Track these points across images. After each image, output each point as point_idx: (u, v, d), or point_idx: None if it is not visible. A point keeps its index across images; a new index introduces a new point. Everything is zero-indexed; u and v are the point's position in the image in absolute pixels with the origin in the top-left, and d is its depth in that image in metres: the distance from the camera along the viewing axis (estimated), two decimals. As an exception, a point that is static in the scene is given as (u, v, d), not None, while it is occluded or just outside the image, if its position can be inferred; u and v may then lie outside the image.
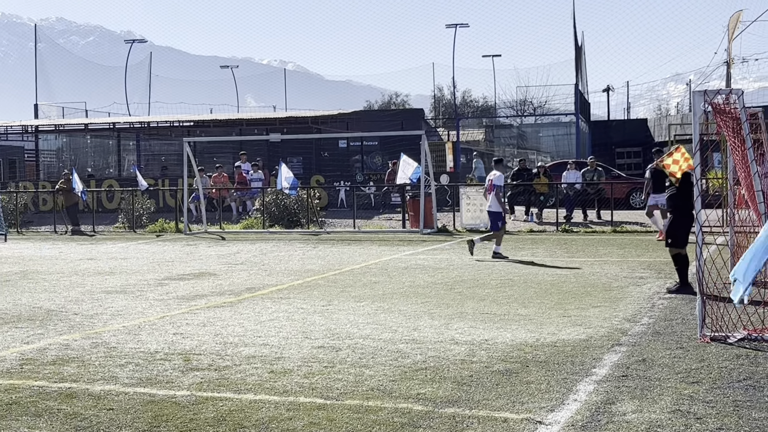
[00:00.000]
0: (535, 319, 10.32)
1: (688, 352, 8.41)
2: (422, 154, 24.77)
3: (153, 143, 43.49)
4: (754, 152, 9.82)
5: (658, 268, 15.12)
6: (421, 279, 14.35)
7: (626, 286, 13.10)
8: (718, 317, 9.22)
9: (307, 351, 8.74)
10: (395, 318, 10.61)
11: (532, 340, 9.06)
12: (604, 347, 8.67)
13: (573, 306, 11.26)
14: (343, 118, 38.26)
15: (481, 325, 9.98)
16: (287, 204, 27.16)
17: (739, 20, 28.01)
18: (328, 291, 13.18)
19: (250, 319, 10.77)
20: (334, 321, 10.49)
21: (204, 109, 64.41)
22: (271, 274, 15.59)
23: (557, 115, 56.52)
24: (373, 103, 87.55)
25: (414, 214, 25.54)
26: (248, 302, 12.20)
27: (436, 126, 55.14)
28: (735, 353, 8.32)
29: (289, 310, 11.41)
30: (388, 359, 8.28)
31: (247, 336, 9.62)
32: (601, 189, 27.20)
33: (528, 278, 14.18)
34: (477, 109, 78.39)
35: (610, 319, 10.28)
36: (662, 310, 10.83)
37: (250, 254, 19.35)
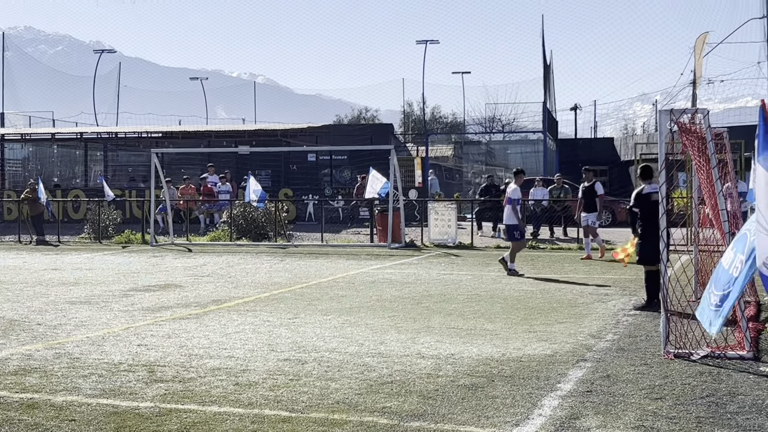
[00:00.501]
0: (501, 334, 10.36)
1: (652, 368, 8.47)
2: (391, 169, 24.81)
3: (120, 154, 43.17)
4: (718, 172, 9.94)
5: (623, 285, 15.23)
6: (388, 293, 14.35)
7: (591, 302, 13.19)
8: (682, 334, 9.30)
9: (273, 364, 8.71)
10: (362, 331, 10.60)
11: (498, 355, 9.08)
12: (569, 363, 8.72)
13: (539, 321, 11.31)
14: (313, 131, 38.24)
15: (447, 340, 10.00)
16: (255, 217, 27.05)
17: (705, 42, 28.42)
18: (294, 304, 13.13)
19: (215, 331, 10.71)
20: (301, 334, 10.46)
21: (173, 120, 64.14)
22: (237, 286, 15.52)
23: (525, 132, 56.94)
24: (342, 117, 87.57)
25: (382, 229, 25.54)
26: (214, 314, 12.13)
27: (405, 141, 55.31)
28: (698, 370, 8.40)
29: (255, 322, 11.36)
30: (353, 373, 8.26)
31: (212, 348, 9.57)
32: (568, 206, 27.38)
33: (495, 293, 14.23)
34: (446, 125, 78.69)
35: (575, 334, 10.34)
36: (627, 327, 10.91)
37: (217, 266, 19.25)
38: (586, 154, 47.59)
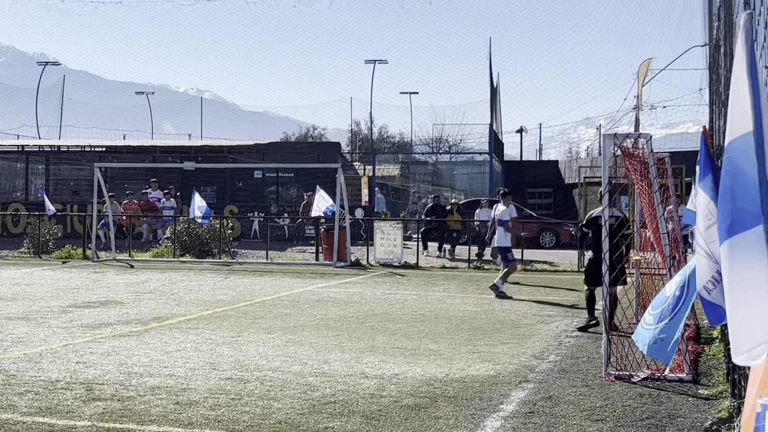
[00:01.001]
0: (445, 355, 10.37)
1: (594, 390, 8.54)
2: (338, 188, 24.78)
3: (63, 168, 42.52)
4: (660, 196, 10.10)
5: (566, 307, 15.36)
6: (332, 312, 14.30)
7: (535, 323, 13.28)
8: (623, 356, 9.40)
9: (214, 382, 8.60)
10: (305, 351, 10.53)
11: (441, 376, 9.08)
12: (511, 383, 8.75)
13: (482, 342, 11.35)
14: (260, 148, 38.04)
15: (391, 360, 9.98)
16: (199, 233, 26.80)
17: (648, 68, 28.90)
18: (238, 322, 13.01)
19: (156, 349, 10.56)
20: (243, 352, 10.35)
21: (117, 134, 63.44)
22: (180, 303, 15.33)
23: (472, 153, 57.32)
24: (290, 134, 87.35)
25: (328, 247, 25.47)
26: (155, 332, 11.96)
27: (352, 160, 55.37)
28: (638, 392, 8.49)
29: (197, 340, 11.22)
30: (296, 392, 8.20)
31: (152, 366, 9.42)
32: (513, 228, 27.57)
33: (439, 314, 14.25)
34: (393, 145, 78.96)
35: (518, 355, 10.39)
36: (569, 348, 11.00)
37: (159, 283, 19.01)
38: (531, 176, 48.09)
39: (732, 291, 3.32)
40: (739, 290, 3.26)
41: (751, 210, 3.17)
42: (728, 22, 8.54)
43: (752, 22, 3.31)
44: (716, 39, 11.74)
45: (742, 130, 3.23)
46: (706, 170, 5.19)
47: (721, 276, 4.16)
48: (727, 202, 3.33)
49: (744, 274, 3.22)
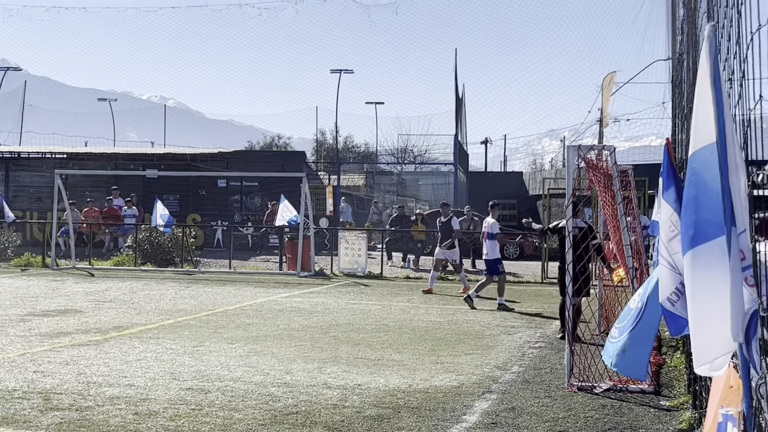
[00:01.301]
0: (408, 365, 10.33)
1: (556, 400, 8.55)
2: (302, 197, 24.70)
3: (23, 174, 41.99)
4: (623, 208, 10.16)
5: (529, 318, 15.41)
6: (296, 322, 14.21)
7: (498, 334, 13.29)
8: (586, 367, 9.43)
9: (175, 393, 8.49)
10: (268, 361, 10.45)
11: (404, 386, 9.05)
12: (475, 394, 8.74)
13: (446, 353, 11.33)
14: (224, 157, 37.82)
15: (354, 370, 9.92)
16: (161, 242, 26.56)
17: (612, 81, 29.16)
18: (199, 332, 12.89)
19: (116, 358, 10.42)
20: (205, 362, 10.24)
21: (79, 141, 62.80)
22: (140, 312, 15.16)
23: (437, 164, 57.54)
24: (254, 143, 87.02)
25: (291, 257, 25.36)
26: (115, 341, 11.81)
27: (317, 169, 55.22)
28: (601, 403, 8.51)
29: (158, 350, 11.09)
30: (258, 403, 8.12)
31: (111, 376, 9.29)
32: (477, 238, 27.66)
33: (403, 324, 14.22)
34: (358, 155, 78.97)
35: (481, 366, 10.38)
36: (532, 359, 11.01)
37: (120, 292, 18.79)
38: (495, 187, 48.28)
39: (694, 301, 3.32)
40: (702, 301, 3.27)
41: (714, 221, 3.18)
42: (691, 36, 8.62)
43: (716, 34, 3.32)
44: (679, 53, 11.86)
45: (705, 141, 3.23)
46: (669, 182, 5.21)
47: (684, 287, 4.17)
48: (691, 212, 3.34)
49: (707, 285, 3.23)
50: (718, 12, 4.45)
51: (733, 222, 3.10)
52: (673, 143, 12.42)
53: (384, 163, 64.87)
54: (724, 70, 3.58)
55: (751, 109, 3.25)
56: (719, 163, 3.11)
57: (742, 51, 3.38)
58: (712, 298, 3.19)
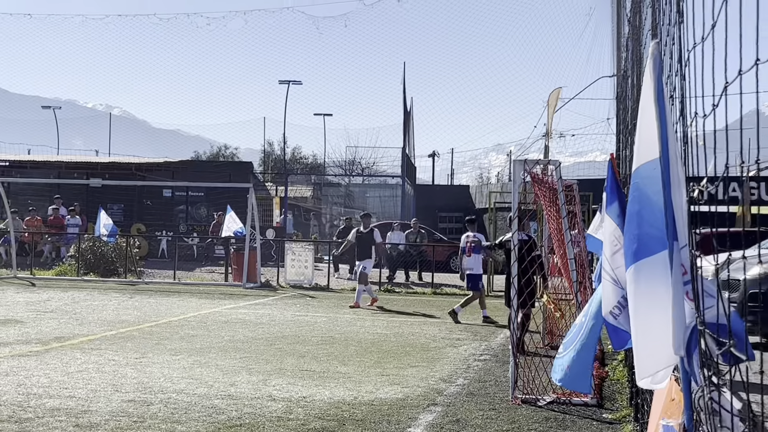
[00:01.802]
0: (353, 377, 10.31)
1: (500, 413, 8.59)
2: (249, 208, 24.56)
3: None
4: (568, 222, 10.27)
5: (474, 330, 15.48)
6: (241, 333, 14.10)
7: (444, 347, 13.32)
8: (530, 380, 9.50)
9: (117, 405, 8.36)
10: (212, 373, 10.35)
11: (350, 398, 9.02)
12: (420, 406, 8.74)
13: (392, 365, 11.33)
14: (170, 166, 37.49)
15: (299, 382, 9.87)
16: (104, 251, 26.21)
17: (558, 97, 29.48)
18: (142, 343, 12.72)
19: (57, 369, 10.23)
20: (147, 374, 10.11)
21: (22, 149, 61.73)
22: (82, 323, 14.92)
23: (384, 176, 57.63)
24: (201, 153, 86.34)
25: (237, 268, 25.19)
26: (56, 352, 11.60)
27: (264, 180, 54.98)
28: (544, 416, 8.57)
29: (100, 361, 10.92)
30: (201, 415, 8.03)
31: (52, 387, 9.12)
32: (423, 251, 27.76)
33: (349, 336, 14.19)
34: (306, 166, 78.79)
35: (426, 378, 10.39)
36: (477, 372, 11.06)
37: (62, 302, 18.49)
38: (442, 200, 48.53)
39: (637, 315, 3.36)
40: (645, 314, 3.31)
41: (656, 235, 3.22)
42: (636, 53, 8.76)
43: (660, 52, 3.38)
44: (624, 69, 12.04)
45: (648, 156, 3.28)
46: (612, 197, 5.28)
47: (626, 301, 4.22)
48: (634, 227, 3.38)
49: (649, 299, 3.27)
50: (661, 30, 4.53)
51: (675, 237, 3.14)
52: (617, 159, 12.60)
53: (332, 175, 64.80)
54: (667, 86, 3.64)
55: (689, 125, 3.31)
56: (662, 179, 3.16)
57: (683, 68, 3.44)
58: (655, 311, 3.23)
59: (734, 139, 3.17)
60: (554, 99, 28.52)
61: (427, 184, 60.11)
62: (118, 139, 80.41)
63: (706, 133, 3.29)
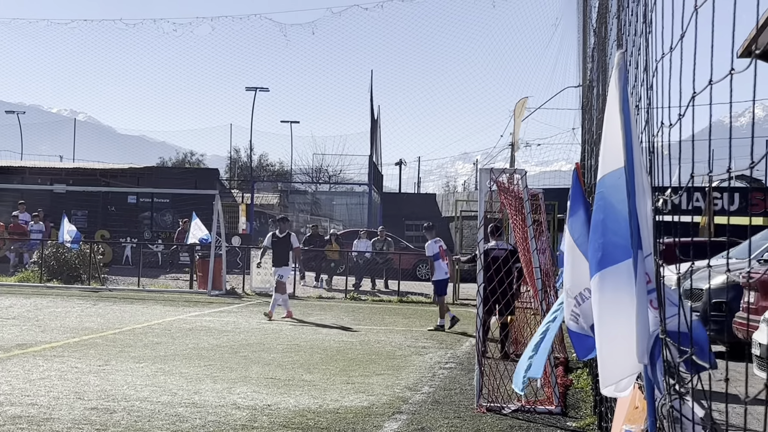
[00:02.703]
0: (319, 385, 10.28)
1: (465, 421, 8.60)
2: (215, 214, 24.44)
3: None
4: (534, 231, 10.32)
5: (440, 339, 15.49)
6: (205, 341, 14.01)
7: (409, 354, 13.33)
8: (495, 388, 9.52)
9: (79, 412, 8.27)
10: (176, 380, 10.27)
11: (315, 407, 8.99)
12: (385, 415, 8.73)
13: (357, 373, 11.31)
14: (135, 172, 37.22)
15: (264, 390, 9.83)
16: (68, 258, 25.94)
17: (524, 106, 29.69)
18: (105, 350, 12.59)
19: (18, 377, 10.10)
20: (111, 382, 10.01)
21: (-17, 154, 60.95)
22: (45, 330, 14.75)
23: (351, 184, 57.63)
24: (166, 159, 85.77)
25: (203, 275, 25.04)
26: (18, 359, 11.45)
27: (230, 187, 54.74)
28: (509, 423, 8.59)
29: (63, 368, 10.79)
30: (165, 423, 7.96)
31: (14, 395, 9.00)
32: (390, 259, 27.77)
33: (314, 344, 14.15)
34: (273, 173, 78.57)
35: (392, 386, 10.39)
36: (442, 380, 11.07)
37: (24, 309, 18.26)
38: (409, 208, 48.59)
39: (601, 323, 3.39)
40: (609, 322, 3.33)
41: (621, 243, 3.25)
42: (601, 64, 8.84)
43: (625, 62, 3.41)
44: (590, 80, 12.15)
45: (613, 165, 3.31)
46: (577, 206, 5.30)
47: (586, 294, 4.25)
48: (598, 236, 3.41)
49: (613, 307, 3.29)
50: (627, 40, 4.57)
51: (640, 245, 3.17)
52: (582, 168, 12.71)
53: (298, 182, 64.69)
54: (632, 96, 3.67)
55: (655, 135, 3.34)
56: (627, 188, 3.19)
57: (649, 78, 3.47)
58: (619, 319, 3.25)
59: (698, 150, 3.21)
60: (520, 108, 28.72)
61: (393, 193, 60.20)
62: (83, 145, 79.74)
63: (671, 143, 3.32)
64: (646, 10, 3.62)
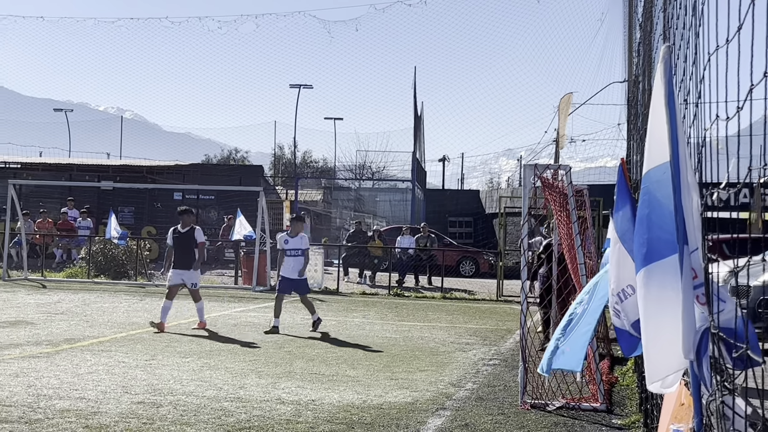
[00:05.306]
0: (362, 381, 10.31)
1: (509, 418, 8.57)
2: (259, 211, 24.59)
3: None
4: (578, 227, 10.25)
5: (483, 335, 15.45)
6: (250, 336, 14.11)
7: (453, 351, 13.31)
8: (539, 385, 9.48)
9: (126, 406, 8.38)
10: (221, 375, 10.36)
11: (358, 402, 9.02)
12: (428, 411, 8.73)
13: (401, 369, 11.32)
14: (180, 170, 37.57)
15: (308, 385, 9.88)
16: (115, 254, 26.27)
17: (569, 102, 29.46)
18: (152, 345, 12.75)
19: (67, 371, 10.26)
20: (157, 376, 10.13)
21: (33, 151, 61.96)
22: (93, 325, 14.96)
23: (394, 180, 57.62)
24: (212, 156, 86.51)
25: (247, 271, 25.22)
26: (66, 353, 11.64)
27: (274, 184, 55.06)
28: (553, 421, 8.55)
29: (110, 363, 10.95)
30: (211, 417, 8.04)
31: (62, 388, 9.15)
32: (433, 255, 27.75)
33: (358, 339, 14.19)
34: (316, 170, 78.90)
35: (435, 383, 10.38)
36: (486, 376, 11.04)
37: (72, 304, 18.54)
38: (452, 205, 48.46)
39: (647, 319, 3.36)
40: (655, 318, 3.30)
41: (667, 239, 3.22)
42: (647, 58, 8.74)
43: (671, 55, 3.38)
44: (635, 75, 12.02)
45: (659, 160, 3.28)
46: (623, 202, 5.25)
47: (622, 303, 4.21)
48: (644, 231, 3.38)
49: (659, 303, 3.26)
50: (674, 34, 4.52)
51: (686, 240, 3.14)
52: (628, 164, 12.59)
53: (342, 179, 64.86)
54: (679, 91, 3.63)
55: (707, 129, 3.30)
56: (672, 182, 3.15)
57: (698, 72, 3.43)
58: (665, 315, 3.22)
59: (745, 145, 3.17)
60: (565, 104, 28.50)
61: (437, 189, 60.08)
62: (130, 142, 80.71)
63: (720, 138, 3.28)
64: (696, 2, 3.58)
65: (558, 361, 6.43)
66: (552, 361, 6.51)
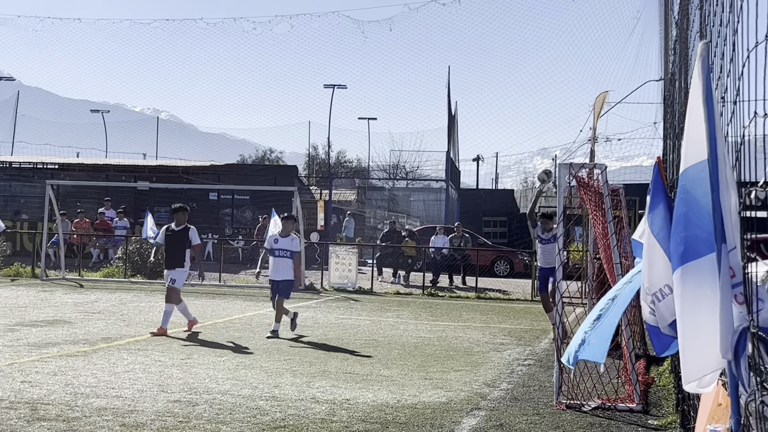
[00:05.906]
0: (397, 381, 10.31)
1: (545, 418, 8.53)
2: (294, 211, 24.68)
3: (14, 184, 41.89)
4: (614, 227, 10.18)
5: (518, 335, 15.39)
6: (285, 336, 14.16)
7: (487, 351, 13.27)
8: (574, 385, 9.42)
9: (162, 405, 8.45)
10: (256, 374, 10.41)
11: (393, 402, 9.02)
12: (463, 411, 8.72)
13: (435, 369, 11.31)
14: (215, 170, 37.80)
15: (343, 385, 9.90)
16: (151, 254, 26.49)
17: (604, 101, 29.21)
18: (188, 344, 12.84)
19: (104, 369, 10.37)
20: (193, 375, 10.20)
21: (70, 152, 62.71)
22: (129, 324, 15.10)
23: (428, 180, 57.62)
24: (246, 157, 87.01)
25: (282, 271, 25.28)
26: (103, 352, 11.76)
27: (309, 184, 55.26)
28: (589, 421, 8.50)
29: (146, 362, 11.04)
30: (246, 416, 8.08)
31: (99, 387, 9.24)
32: (467, 255, 27.68)
33: (392, 339, 14.20)
34: (350, 170, 79.05)
35: (470, 383, 10.36)
36: (521, 377, 11.00)
37: (109, 303, 18.73)
38: (486, 204, 48.29)
39: (684, 318, 3.32)
40: (692, 317, 3.27)
41: (704, 237, 3.19)
42: (683, 56, 8.66)
43: (708, 52, 3.34)
44: (672, 73, 11.92)
45: (696, 158, 3.25)
46: (658, 200, 5.21)
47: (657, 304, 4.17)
48: (681, 229, 3.35)
49: (696, 301, 3.23)
50: (711, 31, 4.47)
51: (723, 239, 3.11)
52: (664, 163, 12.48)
53: (376, 179, 64.96)
54: (716, 88, 3.59)
55: (746, 126, 3.26)
56: (710, 181, 3.12)
57: (736, 69, 3.39)
58: (702, 314, 3.19)
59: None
60: (600, 103, 28.28)
61: (471, 189, 59.98)
62: (166, 143, 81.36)
63: (758, 136, 3.24)
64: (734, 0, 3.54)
65: (584, 352, 6.39)
66: (578, 353, 6.47)
